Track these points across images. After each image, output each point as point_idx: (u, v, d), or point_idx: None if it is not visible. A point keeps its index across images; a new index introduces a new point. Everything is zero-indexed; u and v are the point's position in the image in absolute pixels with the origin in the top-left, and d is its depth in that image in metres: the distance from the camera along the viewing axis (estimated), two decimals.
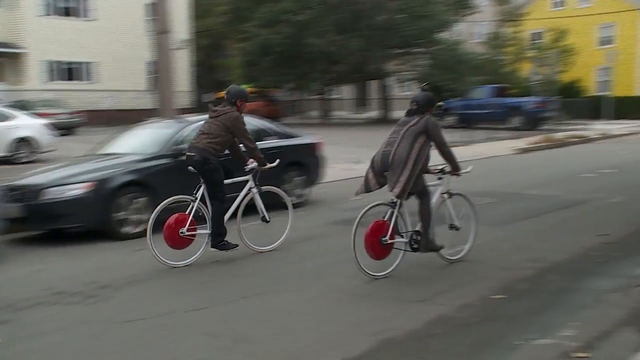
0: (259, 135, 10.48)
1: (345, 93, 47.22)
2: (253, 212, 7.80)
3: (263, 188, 7.74)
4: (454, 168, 6.86)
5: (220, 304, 5.84)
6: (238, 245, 7.47)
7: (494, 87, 31.87)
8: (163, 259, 7.00)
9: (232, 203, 7.52)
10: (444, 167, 6.88)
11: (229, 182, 7.42)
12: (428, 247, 6.67)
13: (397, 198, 6.37)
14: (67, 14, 34.70)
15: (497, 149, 20.09)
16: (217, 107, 7.38)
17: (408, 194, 6.38)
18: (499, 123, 28.63)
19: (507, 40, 40.31)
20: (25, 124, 17.63)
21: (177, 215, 7.13)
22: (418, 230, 6.63)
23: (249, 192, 7.64)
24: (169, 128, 9.90)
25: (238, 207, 7.61)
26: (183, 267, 7.07)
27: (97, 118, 31.03)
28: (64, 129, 24.12)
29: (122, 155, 9.41)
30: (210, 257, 7.39)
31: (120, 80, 35.79)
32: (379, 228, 6.37)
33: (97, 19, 35.28)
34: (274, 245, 7.78)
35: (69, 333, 5.23)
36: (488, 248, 7.72)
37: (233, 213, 7.53)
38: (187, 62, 37.73)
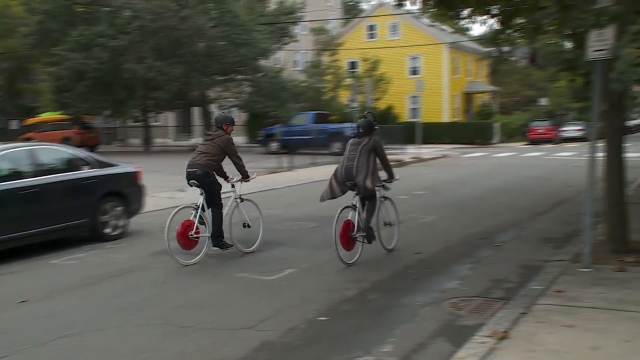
0: (72, 165, 9.95)
1: (168, 120, 46.35)
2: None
3: (240, 199, 9.09)
4: (390, 175, 8.74)
5: (29, 348, 5.38)
6: (233, 245, 8.71)
7: (315, 113, 33.03)
8: (177, 259, 8.12)
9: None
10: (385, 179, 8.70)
11: None
12: (371, 236, 8.43)
13: (365, 198, 8.32)
14: None
15: (319, 174, 20.72)
16: (210, 132, 8.88)
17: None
18: (321, 148, 29.67)
19: (325, 69, 42.09)
20: None
21: (184, 222, 8.27)
22: (371, 227, 8.35)
23: (235, 202, 8.97)
24: None
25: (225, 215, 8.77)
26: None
27: None
28: None
29: None
30: (16, 297, 6.84)
31: None
32: (347, 226, 8.14)
33: None
34: (254, 247, 9.05)
35: None
36: (313, 271, 7.90)
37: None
38: None
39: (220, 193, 8.70)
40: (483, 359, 4.70)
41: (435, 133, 43.05)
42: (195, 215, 8.41)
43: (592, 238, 7.34)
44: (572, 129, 48.27)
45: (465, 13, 11.31)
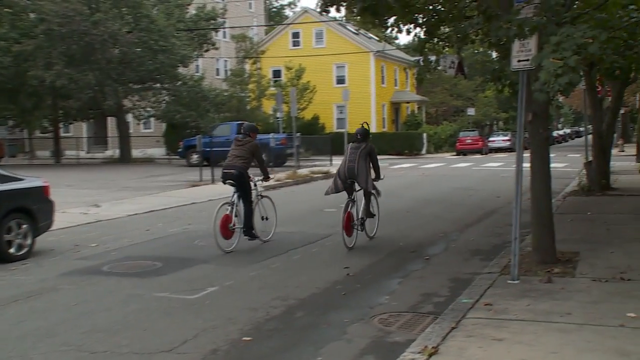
0: None
1: (82, 131, 45.07)
2: None
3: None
4: (378, 176, 10.80)
5: None
6: (259, 237, 10.57)
7: (238, 124, 32.83)
8: (221, 246, 9.88)
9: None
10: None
11: None
12: (363, 225, 10.77)
13: (364, 194, 10.67)
14: None
15: None
16: (241, 139, 10.69)
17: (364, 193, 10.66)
18: None
19: (248, 77, 42.02)
20: None
21: (224, 216, 10.07)
22: (362, 217, 10.69)
23: (257, 198, 10.79)
24: None
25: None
26: None
27: None
28: None
29: None
30: None
31: None
32: (349, 217, 10.32)
33: None
34: (270, 236, 10.98)
35: None
36: (237, 289, 7.83)
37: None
38: None
39: (252, 190, 10.60)
40: None
41: None
42: (232, 210, 10.21)
43: (520, 249, 7.59)
44: (500, 139, 50.01)
45: (391, 21, 11.55)
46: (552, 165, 8.76)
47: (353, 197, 10.54)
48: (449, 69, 15.56)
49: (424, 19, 11.64)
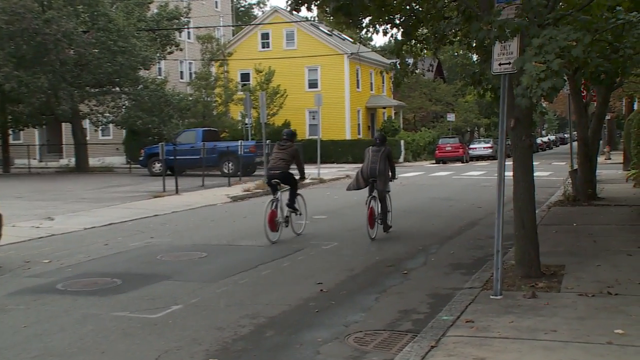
0: None
1: (33, 138, 44.51)
2: None
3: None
4: (393, 175, 13.03)
5: None
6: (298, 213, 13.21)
7: (204, 130, 32.75)
8: (269, 237, 12.04)
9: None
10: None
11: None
12: (386, 225, 12.99)
13: (381, 194, 12.64)
14: None
15: (209, 198, 20.56)
16: (283, 143, 12.83)
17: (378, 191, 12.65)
18: (211, 169, 29.39)
19: (215, 81, 41.93)
20: None
21: (270, 212, 12.26)
22: (381, 214, 12.78)
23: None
24: None
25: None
26: None
27: None
28: None
29: None
30: None
31: None
32: (372, 212, 12.43)
33: None
34: (302, 229, 13.30)
35: None
36: (202, 307, 7.79)
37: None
38: None
39: (296, 181, 13.12)
40: None
41: (337, 151, 43.78)
42: (276, 206, 12.49)
43: (502, 263, 7.66)
44: (481, 147, 50.56)
45: (366, 22, 11.62)
46: (535, 174, 8.87)
47: (374, 193, 12.52)
48: (427, 72, 15.79)
49: (401, 20, 11.74)
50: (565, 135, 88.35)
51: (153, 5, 39.00)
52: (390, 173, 12.82)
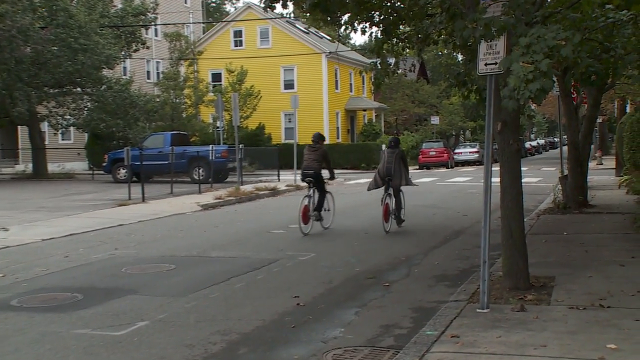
0: None
1: None
2: None
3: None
4: (407, 179, 15.17)
5: None
6: (322, 220, 15.12)
7: (173, 134, 32.59)
8: (302, 230, 14.29)
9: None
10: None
11: None
12: (400, 220, 15.08)
13: (396, 190, 14.87)
14: None
15: (178, 206, 20.47)
16: (314, 146, 14.98)
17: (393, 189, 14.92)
18: (180, 175, 29.25)
19: (184, 81, 41.78)
20: None
21: (304, 207, 14.52)
22: (395, 210, 14.96)
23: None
24: None
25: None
26: None
27: None
28: None
29: None
30: None
31: None
32: (387, 208, 14.65)
33: None
34: (330, 225, 15.34)
35: None
36: (170, 323, 7.75)
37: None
38: None
39: (325, 183, 15.35)
40: None
41: None
42: (309, 202, 14.73)
43: (489, 274, 7.71)
44: (467, 151, 50.90)
45: (345, 19, 11.67)
46: (524, 180, 8.95)
47: (390, 191, 14.78)
48: (410, 73, 16.07)
49: (381, 17, 11.80)
50: (555, 139, 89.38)
51: (117, 0, 38.78)
52: (404, 174, 15.05)
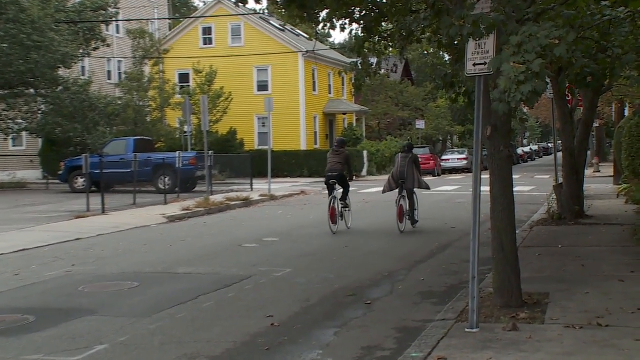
0: None
1: None
2: None
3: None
4: (420, 182, 17.14)
5: None
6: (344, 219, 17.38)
7: (136, 139, 32.45)
8: (332, 229, 16.69)
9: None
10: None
11: None
12: (414, 220, 17.12)
13: (409, 193, 16.83)
14: None
15: (142, 218, 20.36)
16: (337, 150, 17.42)
17: (407, 191, 16.84)
18: (144, 185, 29.09)
19: (148, 82, 41.64)
20: None
21: (332, 208, 16.89)
22: (409, 211, 16.98)
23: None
24: None
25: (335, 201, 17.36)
26: None
27: None
28: None
29: None
30: None
31: None
32: (401, 209, 16.75)
33: None
34: (350, 224, 17.64)
35: None
36: (133, 346, 7.69)
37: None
38: None
39: (349, 183, 17.84)
40: None
41: (290, 164, 43.80)
42: (335, 203, 16.92)
43: (479, 291, 7.74)
44: (455, 158, 51.19)
45: (323, 16, 11.69)
46: (516, 189, 9.00)
47: (403, 193, 16.66)
48: (393, 74, 16.19)
49: (362, 13, 11.84)
50: (549, 145, 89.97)
51: None
52: (417, 177, 16.90)
